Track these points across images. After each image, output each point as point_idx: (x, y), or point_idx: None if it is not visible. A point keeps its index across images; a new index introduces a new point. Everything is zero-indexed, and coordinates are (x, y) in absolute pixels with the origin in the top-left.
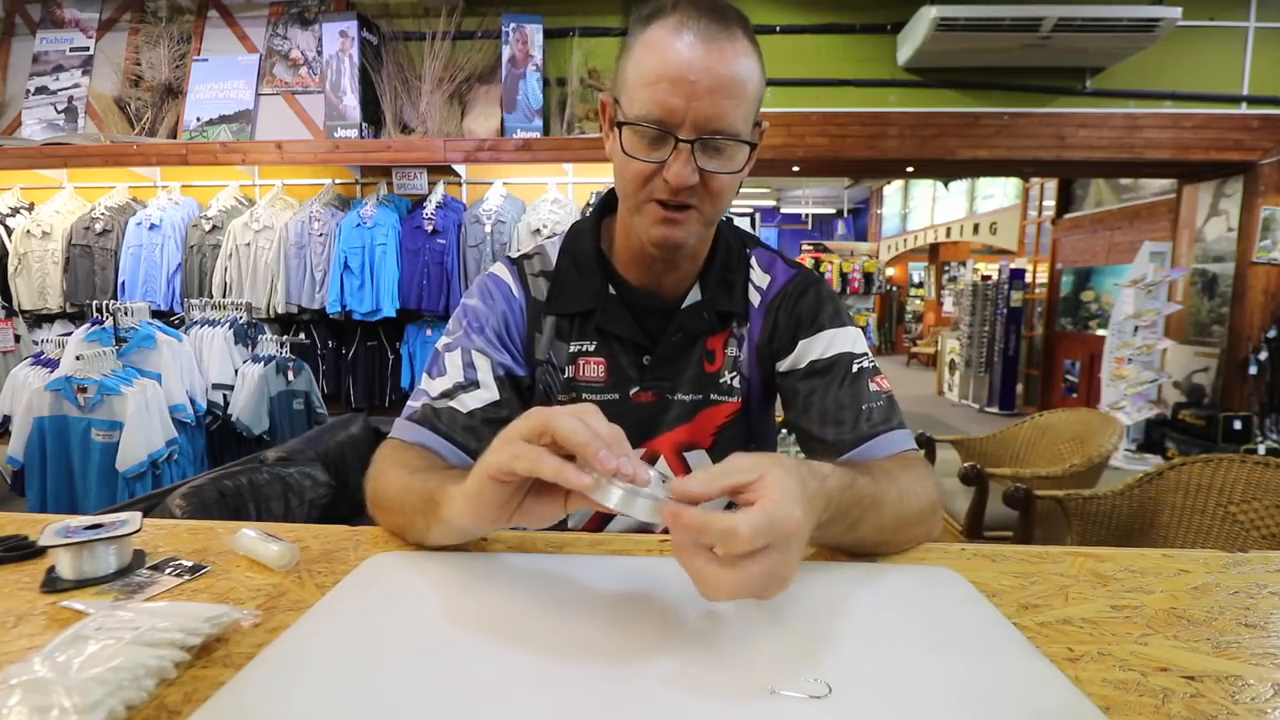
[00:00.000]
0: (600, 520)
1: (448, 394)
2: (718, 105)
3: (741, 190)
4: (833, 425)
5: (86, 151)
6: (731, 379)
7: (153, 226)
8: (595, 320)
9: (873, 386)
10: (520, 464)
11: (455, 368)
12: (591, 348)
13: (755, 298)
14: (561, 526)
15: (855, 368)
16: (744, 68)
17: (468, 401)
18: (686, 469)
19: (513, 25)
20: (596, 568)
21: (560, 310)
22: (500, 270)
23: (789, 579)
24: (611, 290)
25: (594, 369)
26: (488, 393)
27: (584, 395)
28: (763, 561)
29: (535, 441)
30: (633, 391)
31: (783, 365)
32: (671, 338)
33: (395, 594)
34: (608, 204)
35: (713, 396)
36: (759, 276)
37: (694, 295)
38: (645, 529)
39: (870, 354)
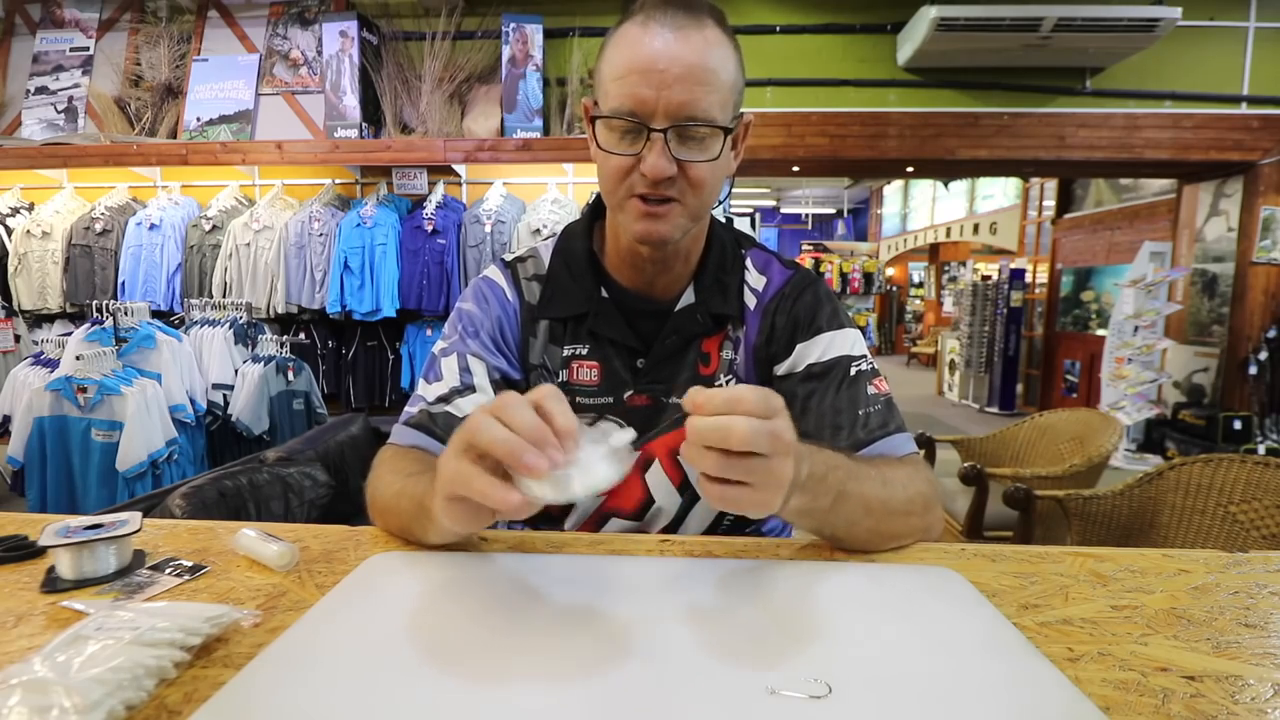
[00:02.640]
0: (598, 520)
1: (444, 399)
2: (689, 92)
3: (742, 190)
4: (830, 430)
5: (86, 151)
6: (727, 382)
7: (153, 226)
8: (588, 323)
9: (870, 389)
10: (456, 489)
11: (451, 372)
12: (584, 351)
13: (751, 300)
14: (561, 527)
15: (853, 370)
16: (715, 57)
17: (464, 406)
18: (680, 472)
19: (513, 25)
20: (596, 568)
21: (553, 314)
22: (494, 274)
23: (774, 497)
24: (604, 293)
25: (587, 372)
26: (483, 396)
27: (578, 399)
28: (755, 466)
29: (468, 458)
30: (627, 395)
31: (780, 369)
32: (665, 340)
33: (395, 594)
34: (599, 207)
35: None
36: (754, 279)
37: (688, 297)
38: (641, 528)
39: (869, 355)
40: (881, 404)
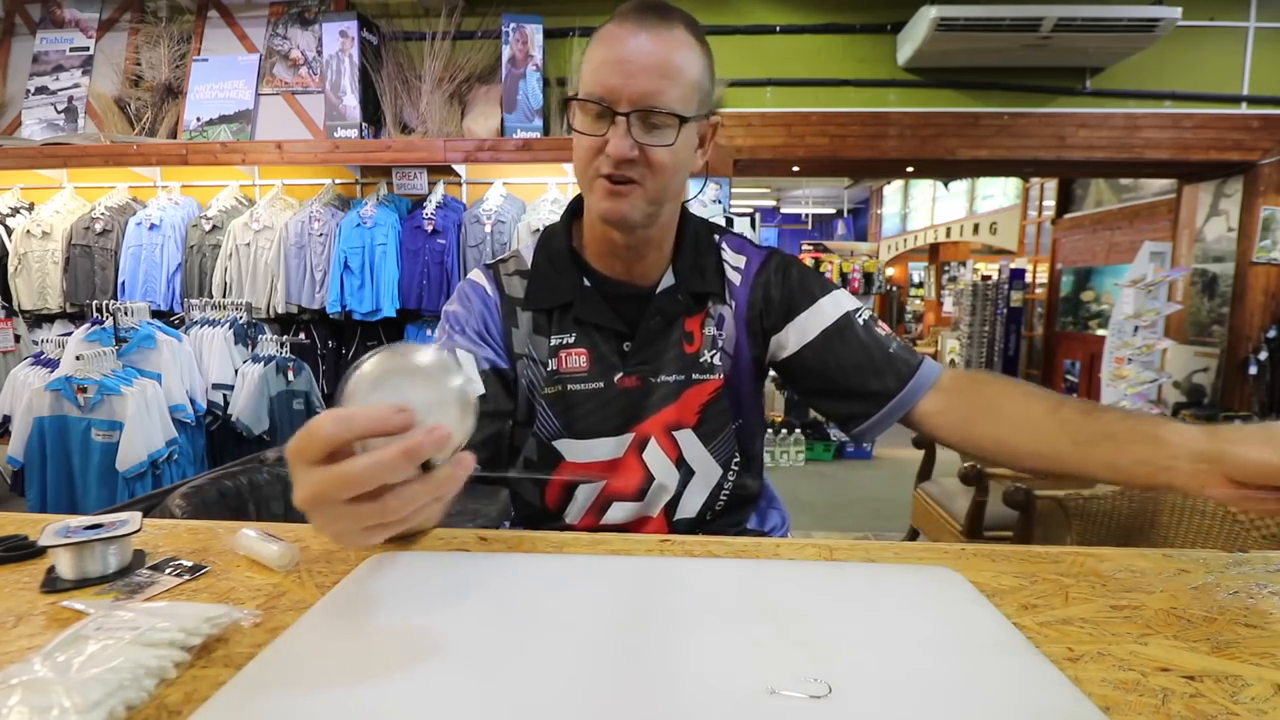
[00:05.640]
0: (600, 507)
1: None
2: (652, 83)
3: (742, 190)
4: (873, 375)
5: (86, 151)
6: (712, 357)
7: (153, 226)
8: (574, 311)
9: (881, 330)
10: (348, 490)
11: None
12: (572, 339)
13: (735, 277)
14: (562, 525)
15: (861, 320)
16: (681, 56)
17: None
18: (676, 447)
19: (513, 25)
20: (596, 568)
21: (538, 305)
22: (476, 275)
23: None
24: (586, 283)
25: (576, 360)
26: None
27: (568, 386)
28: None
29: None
30: (617, 378)
31: (787, 346)
32: (650, 321)
33: (395, 594)
34: (576, 206)
35: (694, 376)
36: (733, 257)
37: (668, 280)
38: (644, 510)
39: (859, 304)
40: (897, 341)
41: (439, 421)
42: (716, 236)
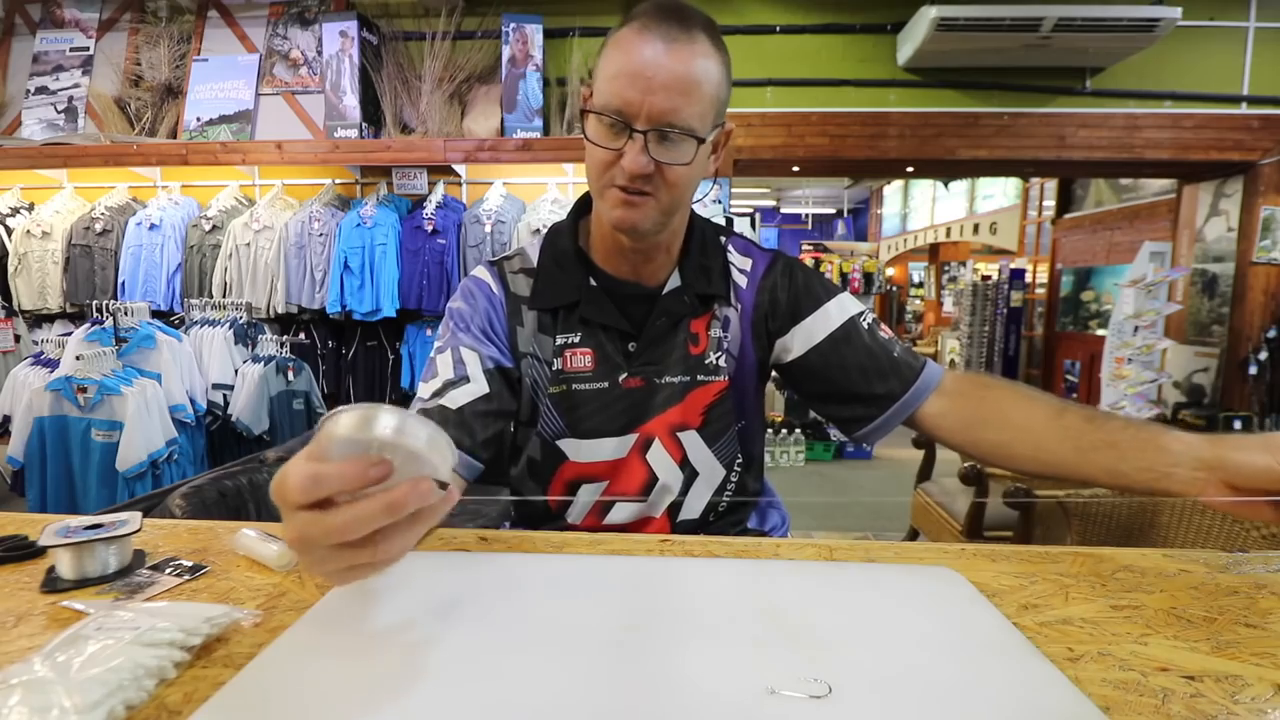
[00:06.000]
0: (602, 509)
1: (438, 393)
2: (671, 101)
3: (742, 190)
4: (878, 378)
5: (86, 151)
6: (717, 359)
7: (153, 226)
8: (580, 311)
9: (885, 334)
10: (347, 535)
11: (445, 367)
12: (577, 339)
13: (741, 280)
14: (562, 525)
15: (865, 324)
16: (701, 68)
17: (457, 398)
18: (680, 449)
19: (513, 25)
20: (596, 568)
21: (544, 304)
22: (480, 272)
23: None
24: (592, 282)
25: (582, 359)
26: (477, 386)
27: (574, 386)
28: None
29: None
30: (621, 378)
31: (793, 350)
32: (656, 322)
33: (395, 594)
34: (583, 205)
35: (699, 377)
36: (739, 260)
37: (674, 281)
38: (647, 510)
39: (864, 308)
40: (899, 344)
41: (416, 472)
42: (723, 239)
